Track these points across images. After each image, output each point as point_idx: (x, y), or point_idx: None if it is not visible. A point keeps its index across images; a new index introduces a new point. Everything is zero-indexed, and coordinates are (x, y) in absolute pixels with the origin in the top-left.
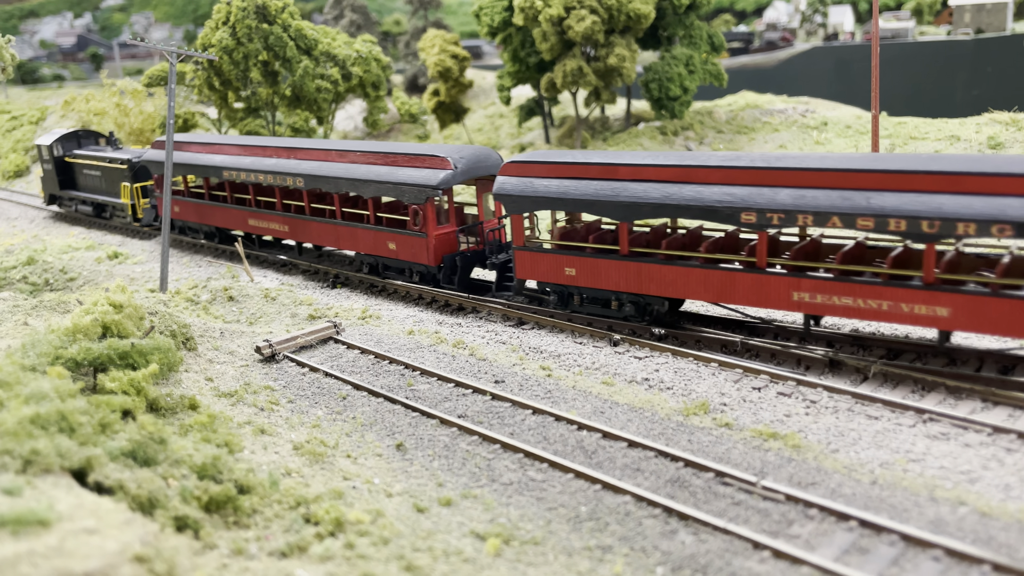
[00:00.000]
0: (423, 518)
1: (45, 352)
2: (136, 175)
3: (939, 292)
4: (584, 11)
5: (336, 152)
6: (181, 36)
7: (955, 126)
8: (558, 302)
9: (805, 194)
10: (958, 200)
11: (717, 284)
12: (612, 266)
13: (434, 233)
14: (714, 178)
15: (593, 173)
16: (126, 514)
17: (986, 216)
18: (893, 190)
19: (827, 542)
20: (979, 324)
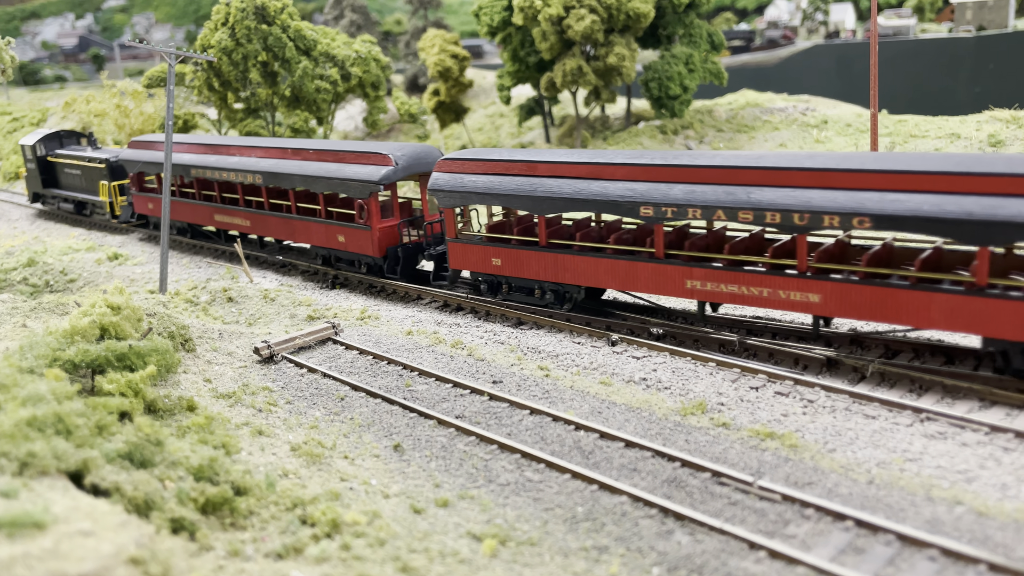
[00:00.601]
0: (420, 519)
1: (43, 354)
2: (113, 173)
3: (811, 280)
4: (583, 10)
5: (291, 150)
6: (182, 37)
7: (956, 124)
8: (488, 290)
9: (695, 189)
10: (825, 194)
11: (622, 273)
12: (533, 257)
13: (378, 226)
14: (618, 175)
15: (516, 170)
16: (122, 516)
17: (847, 209)
18: (770, 185)
19: (823, 542)
20: (846, 309)
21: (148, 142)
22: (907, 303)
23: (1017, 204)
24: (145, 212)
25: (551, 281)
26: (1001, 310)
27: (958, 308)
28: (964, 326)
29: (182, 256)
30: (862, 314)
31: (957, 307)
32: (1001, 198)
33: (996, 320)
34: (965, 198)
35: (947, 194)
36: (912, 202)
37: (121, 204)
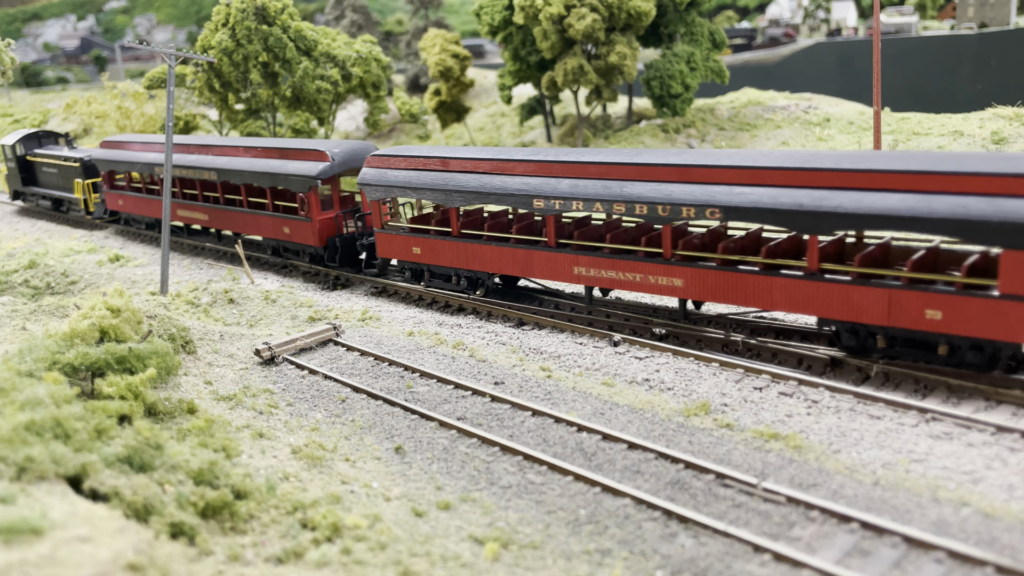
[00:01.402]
0: (421, 522)
1: (42, 357)
2: (87, 172)
3: (675, 266)
4: (584, 9)
5: (243, 148)
6: (184, 38)
7: (958, 121)
8: (412, 277)
9: (579, 184)
10: (684, 188)
11: (522, 261)
12: (447, 246)
13: (318, 218)
14: (517, 170)
15: (431, 165)
16: (120, 521)
17: (701, 201)
18: (640, 180)
19: (828, 544)
20: (705, 293)
21: (118, 142)
22: (754, 287)
23: (839, 196)
24: (116, 208)
25: (464, 268)
26: (829, 293)
27: (795, 291)
28: (800, 307)
29: (183, 258)
30: (718, 297)
31: (794, 290)
32: (827, 191)
33: (826, 302)
34: (798, 191)
35: (783, 187)
36: (754, 195)
37: (95, 201)
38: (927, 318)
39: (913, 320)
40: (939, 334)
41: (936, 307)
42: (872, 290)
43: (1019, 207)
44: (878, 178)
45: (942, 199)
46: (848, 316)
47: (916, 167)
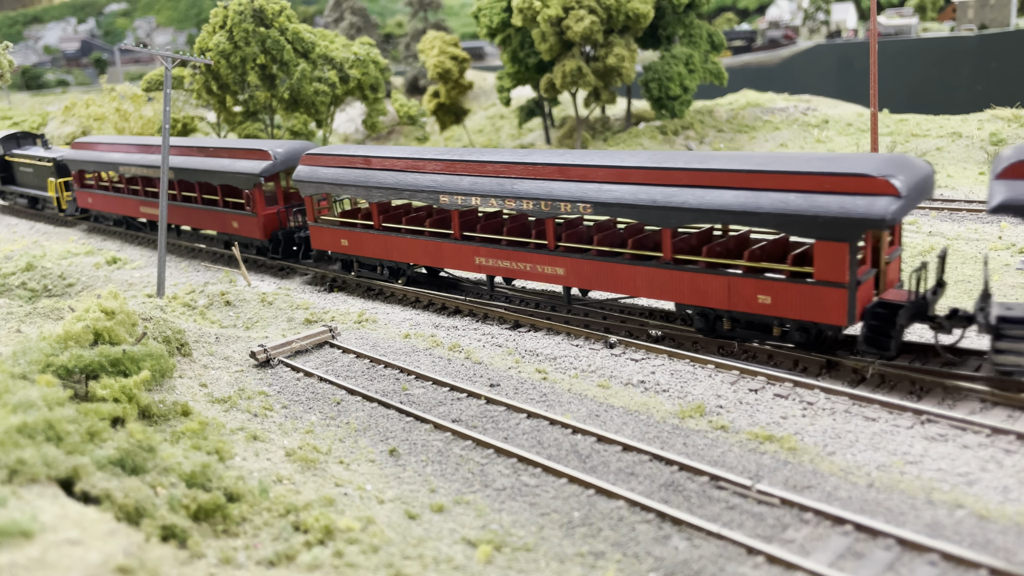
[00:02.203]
0: (414, 525)
1: (36, 360)
2: (60, 171)
3: (557, 256)
4: (583, 11)
5: (197, 148)
6: (184, 40)
7: (957, 123)
8: (343, 268)
9: (478, 181)
10: (562, 186)
11: (433, 252)
12: (370, 238)
13: (262, 213)
14: (427, 168)
15: (355, 163)
16: (111, 524)
17: (575, 197)
18: (527, 178)
19: (822, 547)
20: (582, 281)
21: (87, 143)
22: (622, 275)
23: (685, 193)
24: (86, 206)
25: (386, 259)
26: (681, 280)
27: (654, 279)
28: (659, 294)
29: (180, 260)
30: (593, 285)
31: (654, 278)
32: (677, 189)
33: (679, 288)
34: (653, 189)
35: (642, 185)
36: (619, 192)
37: (67, 199)
38: (759, 302)
39: (748, 304)
40: (771, 317)
41: (766, 293)
42: (715, 277)
43: (829, 202)
44: (718, 177)
45: (768, 196)
46: (697, 301)
47: (748, 167)
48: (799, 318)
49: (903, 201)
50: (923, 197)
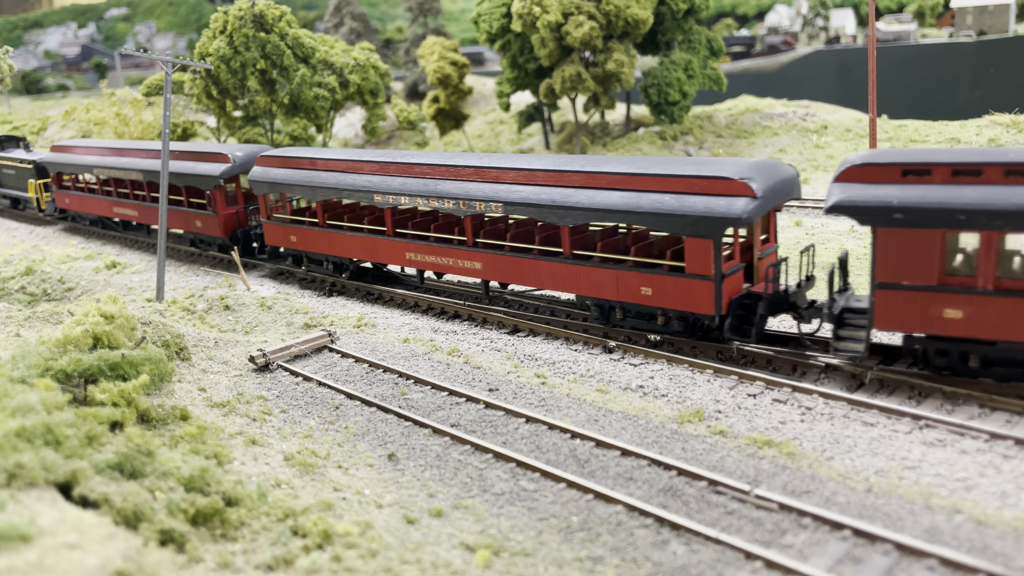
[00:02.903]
0: (413, 529)
1: (35, 364)
2: (40, 173)
3: (476, 251)
4: (582, 17)
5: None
6: (184, 45)
7: (956, 128)
8: (293, 263)
9: (407, 181)
10: (479, 186)
11: (370, 247)
12: (316, 234)
13: (223, 212)
14: (364, 169)
15: (302, 165)
16: (109, 528)
17: (488, 197)
18: (449, 179)
19: (820, 552)
20: (497, 274)
21: (65, 147)
22: (530, 269)
23: (579, 194)
24: (64, 206)
25: (330, 254)
26: (578, 274)
27: (557, 273)
28: (561, 286)
29: (180, 264)
30: (506, 278)
31: (556, 272)
32: (573, 190)
33: (577, 281)
34: (554, 190)
35: (545, 187)
36: (525, 192)
37: (46, 200)
38: (643, 294)
39: (634, 296)
40: (654, 307)
41: (648, 285)
42: (606, 271)
43: (696, 203)
44: (606, 179)
45: (647, 196)
46: (592, 293)
47: (632, 171)
48: (676, 308)
49: (759, 202)
50: (783, 198)
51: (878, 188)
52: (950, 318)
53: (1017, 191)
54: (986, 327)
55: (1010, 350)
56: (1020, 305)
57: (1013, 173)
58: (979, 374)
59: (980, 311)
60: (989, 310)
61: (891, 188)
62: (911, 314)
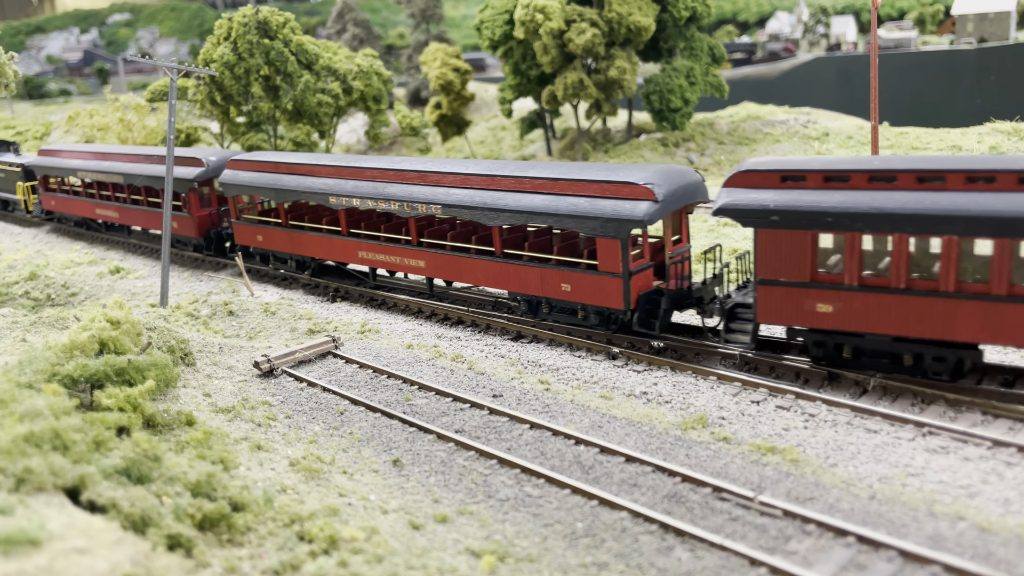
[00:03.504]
0: (418, 535)
1: (41, 369)
2: (28, 176)
3: (419, 250)
4: (585, 24)
5: (142, 156)
6: (186, 51)
7: (957, 136)
8: (261, 261)
9: (359, 184)
10: (421, 189)
11: (327, 247)
12: (280, 234)
13: (197, 214)
14: (321, 173)
15: (267, 168)
16: (118, 533)
17: (428, 200)
18: (396, 182)
19: (824, 558)
20: (439, 272)
21: (52, 151)
22: (467, 267)
23: (507, 197)
24: (50, 208)
25: (293, 253)
26: (508, 271)
27: (490, 271)
28: (494, 283)
29: (183, 270)
30: (447, 275)
31: (490, 270)
32: (502, 193)
33: (507, 278)
34: (485, 193)
35: (478, 190)
36: (461, 195)
37: (33, 201)
38: (563, 290)
39: (556, 291)
40: (573, 302)
41: (567, 282)
42: (532, 269)
43: (605, 206)
44: (531, 183)
45: (565, 200)
46: (520, 289)
47: (553, 175)
48: (591, 303)
49: (660, 205)
50: (685, 202)
51: (759, 193)
52: (822, 312)
53: (877, 196)
54: (853, 320)
55: (876, 342)
56: (882, 300)
57: (876, 179)
58: (852, 364)
59: (848, 306)
60: (855, 305)
61: (769, 193)
62: (788, 308)
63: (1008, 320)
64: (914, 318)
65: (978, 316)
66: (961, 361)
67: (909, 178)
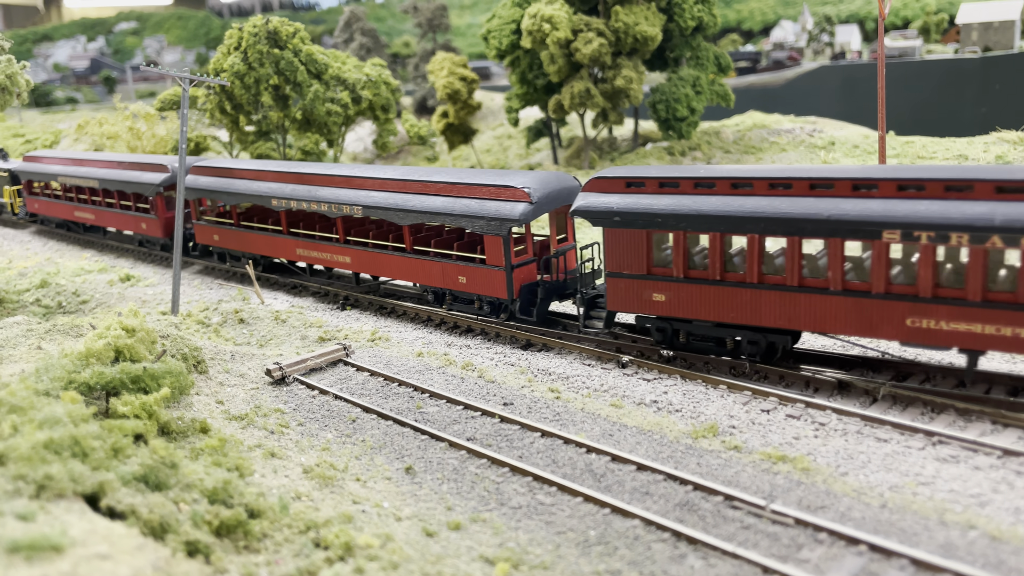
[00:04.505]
0: (432, 542)
1: (58, 377)
2: (14, 180)
3: (346, 247)
4: (591, 34)
5: (115, 162)
6: (193, 59)
7: (963, 145)
8: (218, 259)
9: (296, 188)
10: (346, 192)
11: (271, 244)
12: (232, 234)
13: (163, 216)
14: (265, 177)
15: (223, 174)
16: (138, 539)
17: (352, 201)
18: (326, 186)
19: (837, 567)
20: (362, 267)
21: (36, 157)
22: (384, 262)
23: (414, 200)
24: (33, 211)
25: (245, 251)
26: (416, 266)
27: (403, 265)
28: (407, 276)
29: (193, 277)
30: (369, 270)
31: (402, 265)
32: (410, 196)
33: (416, 272)
34: (396, 195)
35: (391, 192)
36: (378, 198)
37: (19, 204)
38: (460, 282)
39: (455, 284)
40: (470, 293)
41: (464, 275)
42: (436, 263)
43: (490, 207)
44: (433, 187)
45: (460, 201)
46: (427, 282)
47: (452, 180)
48: (482, 293)
49: (535, 206)
50: (560, 203)
51: (607, 197)
52: (657, 301)
53: (698, 200)
54: (682, 308)
55: (702, 327)
56: (703, 291)
57: (699, 185)
58: (687, 347)
59: (677, 295)
60: (683, 295)
61: (615, 197)
62: (631, 298)
63: (800, 308)
64: (728, 306)
65: (776, 304)
66: (772, 345)
67: (725, 184)
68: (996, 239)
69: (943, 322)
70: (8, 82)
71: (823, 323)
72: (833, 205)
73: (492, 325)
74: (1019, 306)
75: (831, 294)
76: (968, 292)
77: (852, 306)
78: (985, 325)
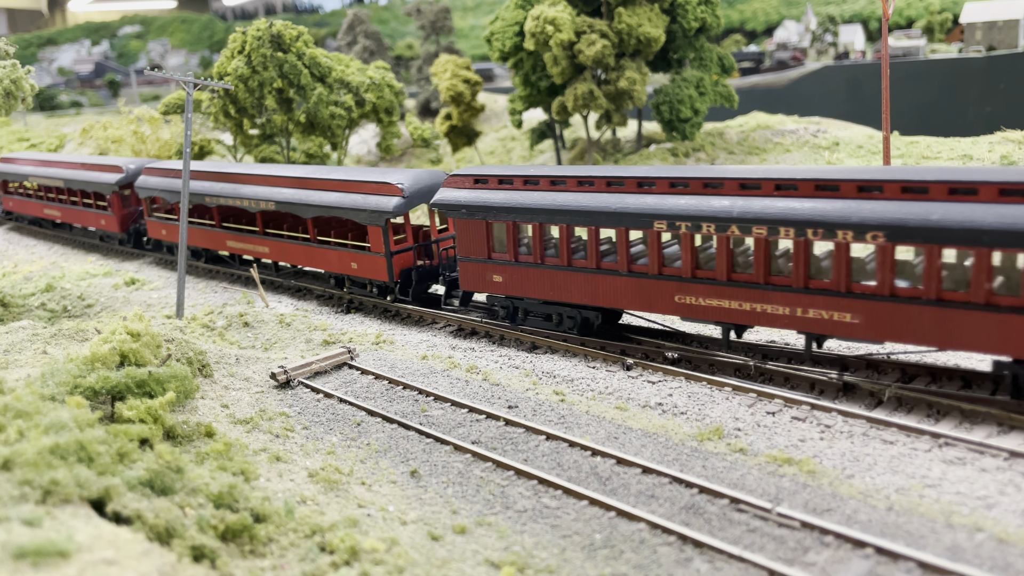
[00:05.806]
0: (437, 546)
1: (64, 381)
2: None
3: (264, 239)
4: (595, 36)
5: (78, 164)
6: (196, 62)
7: (968, 145)
8: (167, 251)
9: (224, 186)
10: (263, 190)
11: (208, 238)
12: (176, 229)
13: (119, 213)
14: (202, 177)
15: (168, 174)
16: (144, 544)
17: (268, 198)
18: (248, 184)
19: (843, 569)
20: (283, 257)
21: (10, 159)
22: (295, 251)
23: (313, 195)
24: (9, 209)
25: (196, 246)
26: (319, 254)
27: (308, 254)
28: (313, 263)
29: (198, 281)
30: (283, 259)
31: (308, 253)
32: (309, 191)
33: (319, 260)
34: (300, 191)
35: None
36: (286, 194)
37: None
38: (352, 268)
39: (348, 269)
40: (362, 277)
41: (355, 261)
42: (334, 251)
43: (371, 201)
44: (327, 184)
45: (349, 196)
46: (327, 268)
47: (344, 177)
48: (369, 277)
49: (406, 200)
50: (431, 198)
51: (459, 191)
52: (496, 282)
53: (525, 195)
54: (515, 288)
55: (532, 304)
56: (530, 273)
57: (528, 183)
58: (525, 322)
59: (511, 277)
60: (515, 276)
61: (464, 192)
62: (477, 279)
63: (599, 288)
64: (549, 286)
65: (582, 285)
66: (587, 320)
67: (545, 182)
68: (735, 228)
69: (702, 299)
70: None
71: (616, 300)
72: (619, 200)
73: (496, 328)
74: (758, 285)
75: (620, 275)
76: (718, 273)
77: (635, 285)
78: (731, 301)
